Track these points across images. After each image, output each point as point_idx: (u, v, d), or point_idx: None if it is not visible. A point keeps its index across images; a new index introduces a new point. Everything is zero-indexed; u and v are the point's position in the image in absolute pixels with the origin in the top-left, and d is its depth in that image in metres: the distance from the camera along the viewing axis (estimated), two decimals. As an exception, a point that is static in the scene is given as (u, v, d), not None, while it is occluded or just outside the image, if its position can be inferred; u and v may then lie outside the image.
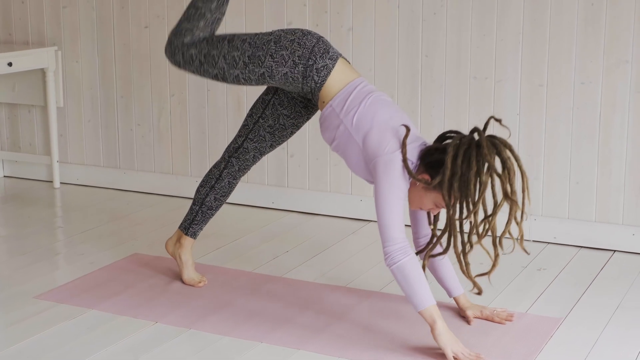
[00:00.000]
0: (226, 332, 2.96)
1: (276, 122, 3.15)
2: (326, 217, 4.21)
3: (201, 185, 3.29)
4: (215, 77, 3.04)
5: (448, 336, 2.72)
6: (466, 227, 2.82)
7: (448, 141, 2.84)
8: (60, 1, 4.65)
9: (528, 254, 2.86)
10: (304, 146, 4.24)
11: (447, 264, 3.01)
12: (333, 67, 2.91)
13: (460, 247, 2.79)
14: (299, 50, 2.91)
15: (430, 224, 2.96)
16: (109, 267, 3.56)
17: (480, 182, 2.70)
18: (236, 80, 2.99)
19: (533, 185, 3.81)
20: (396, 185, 2.76)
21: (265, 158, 4.33)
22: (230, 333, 2.95)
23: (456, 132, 2.84)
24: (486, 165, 2.69)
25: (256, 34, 3.00)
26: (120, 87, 4.63)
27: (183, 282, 3.36)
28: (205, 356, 2.81)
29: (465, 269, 2.82)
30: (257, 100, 3.18)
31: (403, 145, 2.76)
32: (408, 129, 2.78)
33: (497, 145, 2.73)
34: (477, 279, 2.94)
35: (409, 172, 2.75)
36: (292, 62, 2.90)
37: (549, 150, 3.77)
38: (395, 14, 3.94)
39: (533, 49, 3.73)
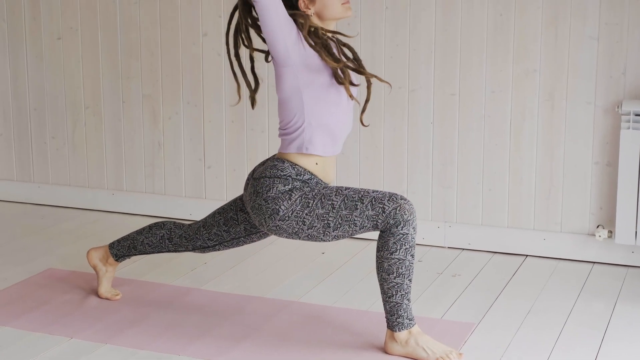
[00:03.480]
0: (143, 345, 2.94)
1: (262, 237, 3.11)
2: (244, 228, 4.20)
3: (149, 245, 3.21)
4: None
5: None
6: None
7: None
8: (-30, 12, 4.56)
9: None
10: (221, 158, 4.24)
11: None
12: None
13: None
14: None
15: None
16: (23, 282, 3.50)
17: None
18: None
19: (447, 193, 3.88)
20: None
21: (182, 169, 4.32)
22: (147, 346, 2.93)
23: None
24: None
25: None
26: (33, 99, 4.55)
27: (99, 295, 3.32)
28: (122, 371, 2.78)
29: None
30: (234, 220, 3.08)
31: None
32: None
33: None
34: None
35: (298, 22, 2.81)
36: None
37: (462, 157, 3.84)
38: (310, 25, 3.97)
39: (445, 58, 3.80)
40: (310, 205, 2.82)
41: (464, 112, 3.81)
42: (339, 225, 2.82)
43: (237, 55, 2.94)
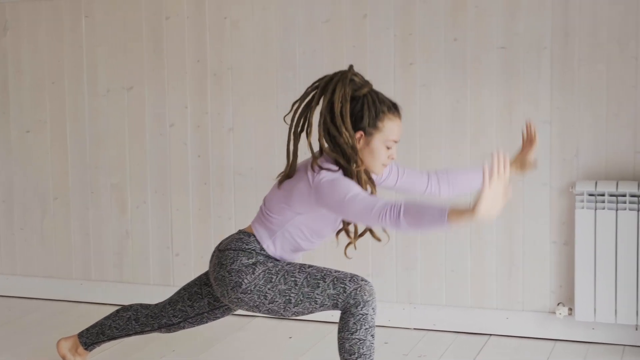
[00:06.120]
0: None
1: (225, 312, 3.16)
2: (213, 314, 4.22)
3: (116, 328, 3.25)
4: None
5: (486, 201, 2.58)
6: None
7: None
8: (-61, 107, 4.63)
9: None
10: (189, 245, 4.29)
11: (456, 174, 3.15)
12: None
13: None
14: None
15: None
16: (-9, 375, 3.50)
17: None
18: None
19: (411, 275, 3.95)
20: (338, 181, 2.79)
21: (150, 257, 4.36)
22: None
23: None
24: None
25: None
26: (1, 192, 4.60)
27: (67, 386, 3.33)
28: None
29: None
30: (198, 294, 3.13)
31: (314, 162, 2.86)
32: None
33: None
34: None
35: (346, 159, 2.83)
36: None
37: (424, 240, 3.93)
38: (274, 114, 4.08)
39: (408, 144, 3.91)
40: (273, 280, 2.89)
41: (425, 195, 3.90)
42: (300, 302, 2.88)
43: (296, 134, 2.94)
